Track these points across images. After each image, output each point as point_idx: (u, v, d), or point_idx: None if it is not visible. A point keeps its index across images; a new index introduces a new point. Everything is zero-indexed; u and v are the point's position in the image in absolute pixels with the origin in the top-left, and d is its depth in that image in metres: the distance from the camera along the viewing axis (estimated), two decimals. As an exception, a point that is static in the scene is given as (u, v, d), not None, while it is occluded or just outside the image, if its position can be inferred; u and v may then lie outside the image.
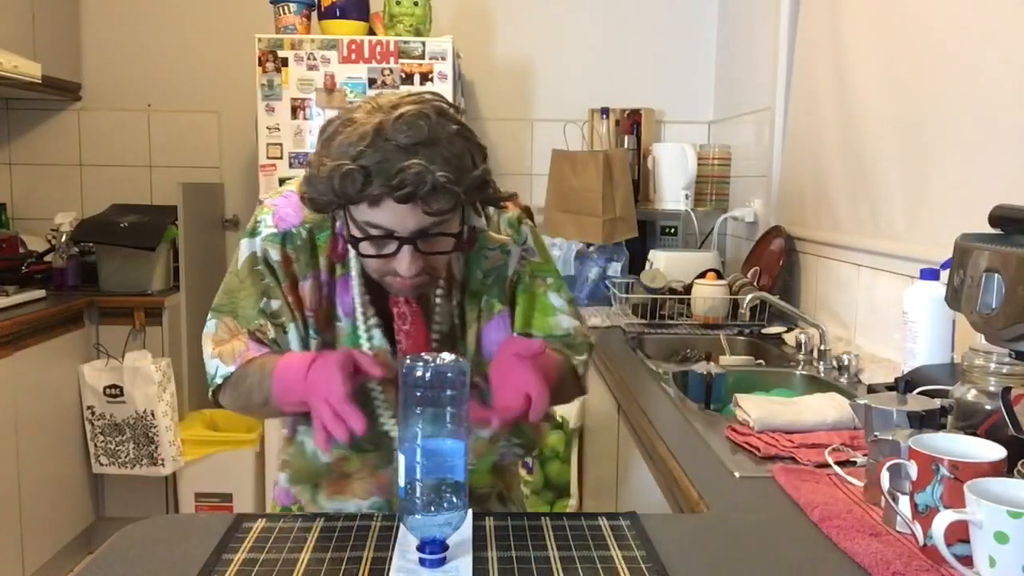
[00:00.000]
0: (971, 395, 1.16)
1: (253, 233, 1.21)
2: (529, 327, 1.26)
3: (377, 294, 1.19)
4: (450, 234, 1.10)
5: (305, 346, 1.20)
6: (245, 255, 1.21)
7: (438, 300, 1.22)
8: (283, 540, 0.98)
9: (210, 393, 1.24)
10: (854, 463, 1.25)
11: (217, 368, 1.19)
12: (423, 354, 0.96)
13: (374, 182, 1.01)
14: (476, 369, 1.21)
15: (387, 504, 1.23)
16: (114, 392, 3.02)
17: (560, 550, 0.96)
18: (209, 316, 1.23)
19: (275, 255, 1.19)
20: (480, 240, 1.23)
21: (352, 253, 1.17)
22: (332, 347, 1.19)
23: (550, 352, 1.19)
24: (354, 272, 1.19)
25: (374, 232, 1.06)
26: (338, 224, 1.17)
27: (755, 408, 1.47)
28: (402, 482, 0.92)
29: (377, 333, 1.20)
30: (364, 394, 1.18)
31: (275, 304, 1.19)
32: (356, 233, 1.08)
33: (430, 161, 1.01)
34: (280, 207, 1.21)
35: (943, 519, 0.85)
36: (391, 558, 0.93)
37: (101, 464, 3.08)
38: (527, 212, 1.33)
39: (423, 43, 2.95)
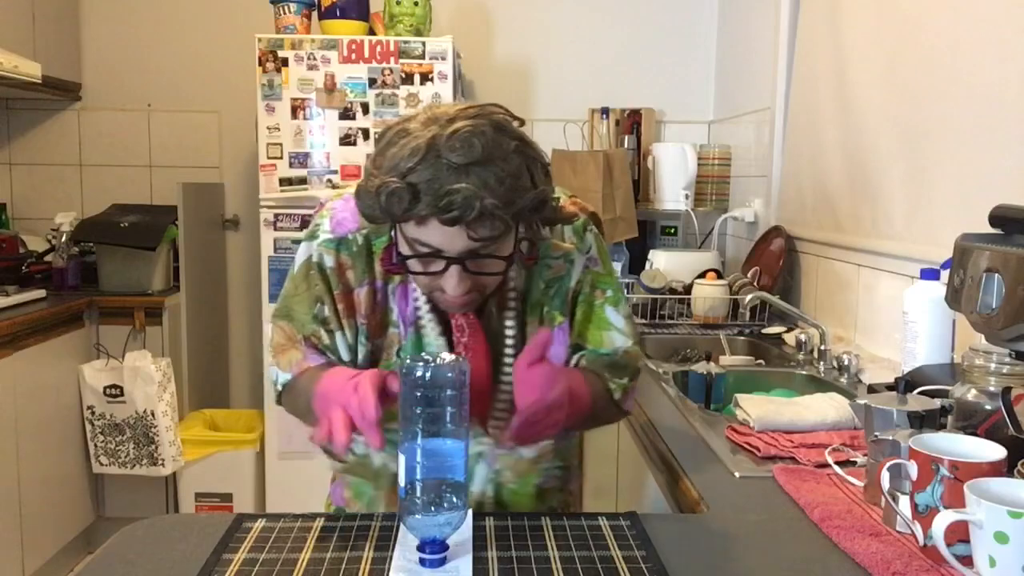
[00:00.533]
0: (971, 395, 1.16)
1: (311, 237, 1.19)
2: (583, 340, 1.23)
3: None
4: (500, 257, 1.06)
5: (354, 354, 1.18)
6: (301, 259, 1.19)
7: (509, 314, 1.18)
8: (283, 540, 0.98)
9: (276, 399, 1.24)
10: (854, 463, 1.25)
11: (277, 375, 1.20)
12: (423, 355, 0.96)
13: (421, 201, 0.97)
14: None
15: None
16: (114, 392, 3.02)
17: (560, 550, 0.96)
18: (270, 326, 1.23)
19: (330, 261, 1.17)
20: (542, 249, 1.19)
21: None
22: (383, 353, 1.18)
23: (579, 373, 1.16)
24: (414, 281, 1.15)
25: (422, 249, 1.03)
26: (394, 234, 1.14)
27: (755, 408, 1.47)
28: (402, 482, 0.92)
29: (438, 342, 1.16)
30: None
31: (326, 310, 1.17)
32: (404, 249, 1.05)
33: (482, 183, 0.97)
34: (338, 211, 1.19)
35: (943, 519, 0.85)
36: (391, 558, 0.93)
37: (101, 464, 3.08)
38: (594, 218, 1.28)
39: (423, 43, 2.95)
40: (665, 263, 2.84)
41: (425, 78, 2.95)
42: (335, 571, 0.90)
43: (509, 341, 1.18)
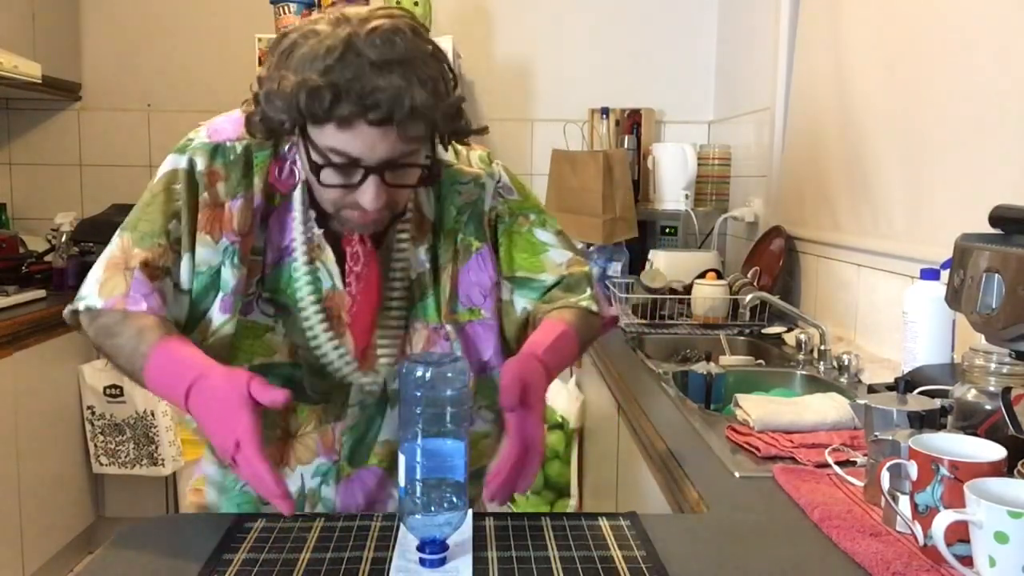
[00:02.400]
0: (971, 395, 1.15)
1: (182, 149, 1.10)
2: (517, 268, 1.18)
3: (326, 229, 1.09)
4: (419, 165, 1.01)
5: (191, 283, 1.07)
6: (166, 170, 1.09)
7: (403, 245, 1.12)
8: (283, 540, 0.98)
9: (67, 311, 1.12)
10: (854, 463, 1.25)
11: (89, 295, 1.07)
12: (425, 353, 0.96)
13: (344, 101, 0.91)
14: (449, 315, 1.14)
15: (333, 467, 1.13)
16: (114, 392, 3.02)
17: (560, 550, 0.96)
18: (115, 234, 1.12)
19: (200, 165, 1.07)
20: (450, 174, 1.14)
21: (297, 181, 1.07)
22: (270, 285, 1.09)
23: (560, 324, 1.10)
24: (297, 202, 1.08)
25: (337, 159, 0.96)
26: (286, 148, 1.07)
27: (755, 408, 1.47)
28: (402, 482, 0.92)
29: (326, 275, 1.09)
30: (291, 383, 1.07)
31: (181, 228, 1.07)
32: (317, 159, 0.98)
33: (407, 82, 0.91)
34: (217, 122, 1.11)
35: (943, 519, 0.85)
36: (391, 558, 0.93)
37: (101, 464, 3.08)
38: (490, 156, 1.24)
39: (423, 43, 2.95)
40: (665, 263, 2.84)
41: (425, 78, 2.94)
42: (335, 571, 0.90)
43: (399, 273, 1.12)
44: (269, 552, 0.95)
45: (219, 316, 1.08)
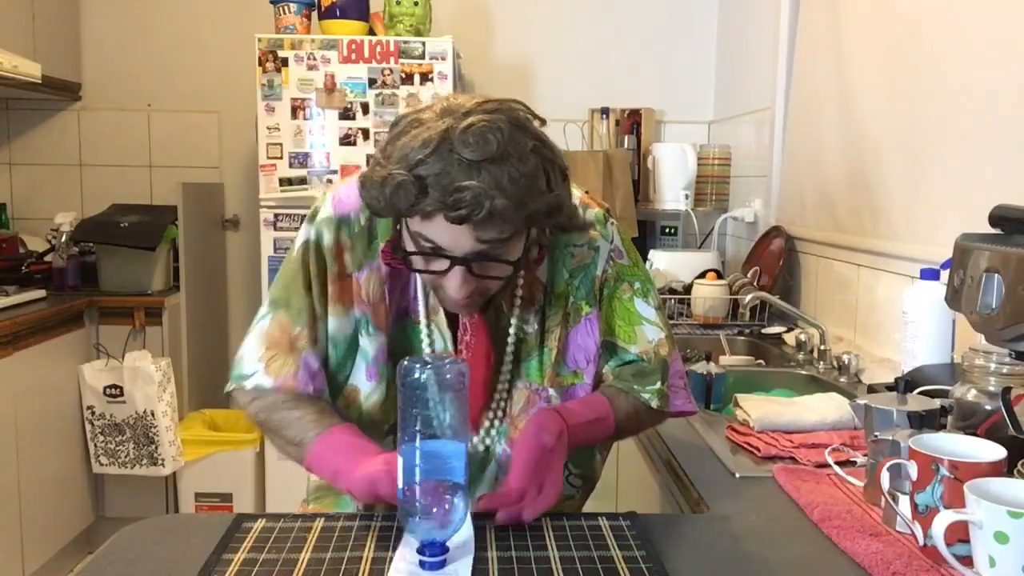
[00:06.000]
0: (971, 395, 1.16)
1: (312, 218, 1.13)
2: (613, 335, 1.18)
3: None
4: (507, 261, 1.01)
5: (334, 348, 1.12)
6: (300, 241, 1.13)
7: (515, 310, 1.13)
8: (283, 540, 0.98)
9: (229, 387, 1.15)
10: (854, 463, 1.25)
11: (255, 373, 1.11)
12: (422, 356, 0.95)
13: (428, 196, 0.93)
14: (554, 378, 1.14)
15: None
16: (114, 392, 3.02)
17: (560, 550, 0.96)
18: (265, 309, 1.15)
19: (328, 239, 1.11)
20: (565, 238, 1.14)
21: None
22: (390, 345, 1.13)
23: (604, 406, 1.13)
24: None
25: (426, 246, 0.99)
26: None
27: (755, 408, 1.47)
28: (401, 484, 0.92)
29: (439, 339, 1.12)
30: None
31: (314, 299, 1.12)
32: (408, 245, 1.02)
33: (494, 182, 0.92)
34: (341, 191, 1.13)
35: (943, 519, 0.85)
36: (391, 559, 0.93)
37: (101, 464, 3.08)
38: (608, 213, 1.22)
39: (423, 43, 2.95)
40: (665, 263, 2.84)
41: (425, 78, 2.95)
42: (335, 571, 0.90)
43: (510, 340, 1.14)
44: (269, 552, 0.95)
45: (366, 384, 1.14)
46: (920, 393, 1.26)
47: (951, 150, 1.74)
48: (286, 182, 2.98)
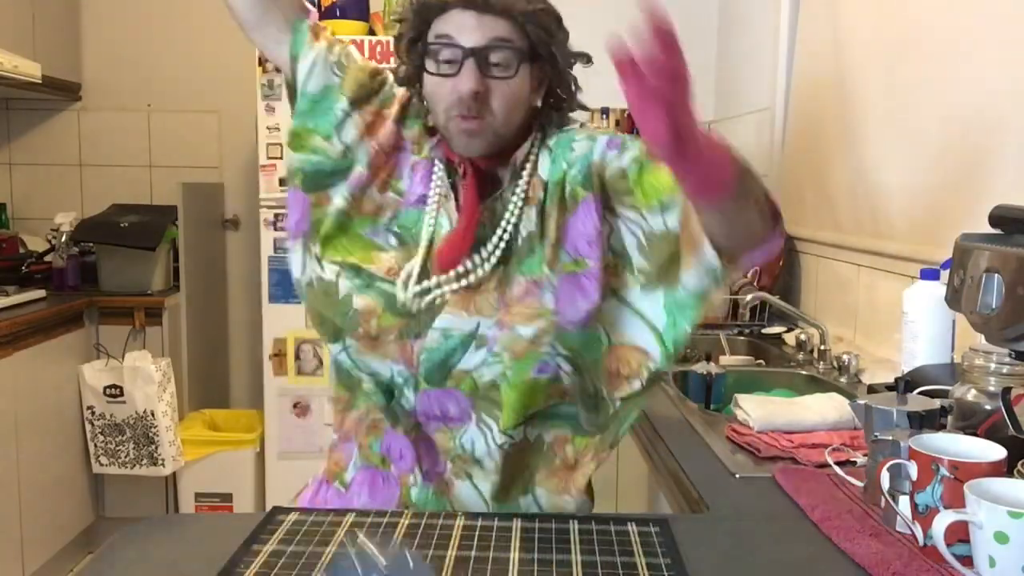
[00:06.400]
0: (971, 395, 1.16)
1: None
2: (660, 192, 1.07)
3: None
4: (513, 47, 1.11)
5: (337, 147, 1.20)
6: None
7: (517, 201, 1.17)
8: (312, 534, 0.99)
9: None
10: (854, 463, 1.25)
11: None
12: (383, 548, 0.82)
13: None
14: (555, 264, 1.13)
15: (412, 378, 1.14)
16: (114, 392, 3.02)
17: (584, 554, 0.94)
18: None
19: (392, 80, 1.23)
20: (567, 136, 1.20)
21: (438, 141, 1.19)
22: (373, 205, 1.20)
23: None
24: (438, 158, 1.20)
25: (440, 44, 1.10)
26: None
27: (755, 408, 1.47)
28: None
29: (450, 219, 1.17)
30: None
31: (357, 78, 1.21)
32: (427, 61, 1.12)
33: None
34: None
35: (943, 519, 0.85)
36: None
37: (101, 464, 3.08)
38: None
39: (423, 43, 2.95)
40: (665, 263, 2.84)
41: (425, 78, 2.95)
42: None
43: (502, 225, 1.16)
44: (297, 545, 0.96)
45: (345, 190, 1.20)
46: (920, 393, 1.26)
47: (951, 150, 1.74)
48: (286, 182, 2.98)
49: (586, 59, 1.24)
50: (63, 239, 3.22)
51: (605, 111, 3.40)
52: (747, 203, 0.98)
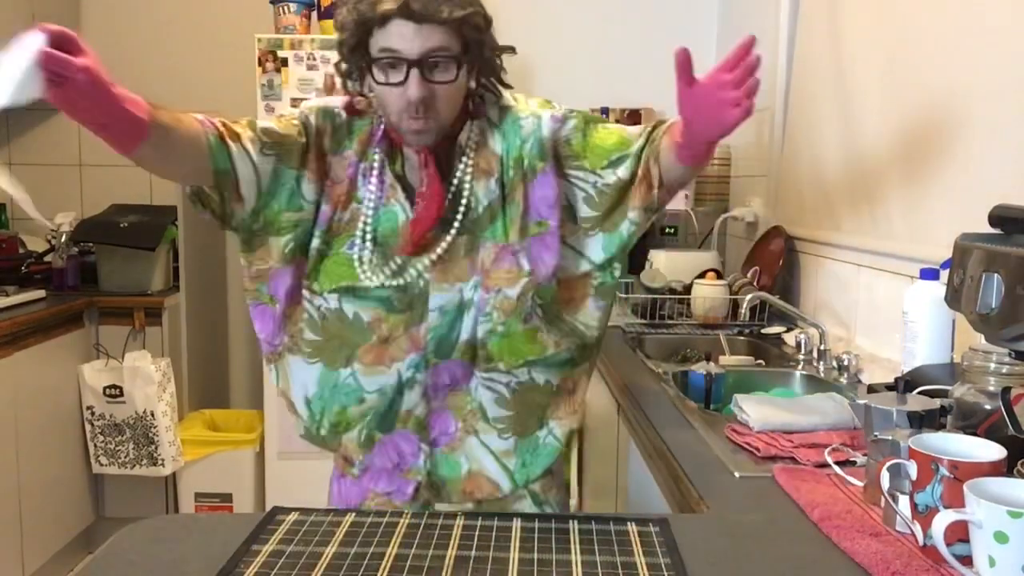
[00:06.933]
0: (971, 395, 1.16)
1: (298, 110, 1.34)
2: (608, 153, 1.34)
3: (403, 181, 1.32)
4: (452, 55, 1.20)
5: (260, 180, 1.27)
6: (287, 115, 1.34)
7: (468, 170, 1.31)
8: (312, 534, 1.00)
9: None
10: (854, 463, 1.25)
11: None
12: None
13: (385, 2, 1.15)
14: (522, 230, 1.30)
15: (422, 359, 1.30)
16: (114, 392, 3.02)
17: (584, 554, 0.95)
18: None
19: (312, 121, 1.31)
20: (512, 114, 1.35)
21: (378, 140, 1.31)
22: (344, 226, 1.31)
23: None
24: (377, 158, 1.31)
25: (384, 55, 1.19)
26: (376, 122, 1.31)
27: (755, 408, 1.47)
28: None
29: (403, 207, 1.30)
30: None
31: (291, 140, 1.28)
32: (374, 70, 1.21)
33: None
34: (324, 98, 1.37)
35: (943, 519, 0.85)
36: (412, 555, 0.95)
37: (101, 464, 3.08)
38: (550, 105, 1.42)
39: (423, 43, 2.95)
40: (665, 263, 2.84)
41: (425, 78, 2.95)
42: (357, 566, 0.91)
43: (464, 196, 1.30)
44: (297, 545, 0.97)
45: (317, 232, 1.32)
46: (920, 393, 1.26)
47: (951, 150, 1.74)
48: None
49: (511, 50, 1.39)
50: (63, 239, 3.22)
51: (605, 110, 3.40)
52: None
